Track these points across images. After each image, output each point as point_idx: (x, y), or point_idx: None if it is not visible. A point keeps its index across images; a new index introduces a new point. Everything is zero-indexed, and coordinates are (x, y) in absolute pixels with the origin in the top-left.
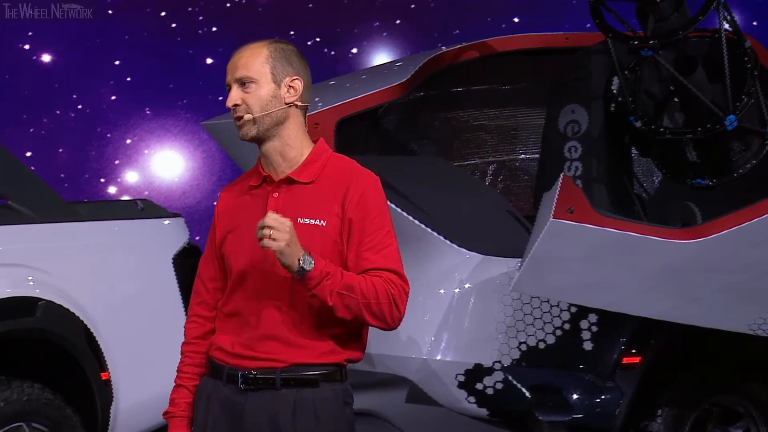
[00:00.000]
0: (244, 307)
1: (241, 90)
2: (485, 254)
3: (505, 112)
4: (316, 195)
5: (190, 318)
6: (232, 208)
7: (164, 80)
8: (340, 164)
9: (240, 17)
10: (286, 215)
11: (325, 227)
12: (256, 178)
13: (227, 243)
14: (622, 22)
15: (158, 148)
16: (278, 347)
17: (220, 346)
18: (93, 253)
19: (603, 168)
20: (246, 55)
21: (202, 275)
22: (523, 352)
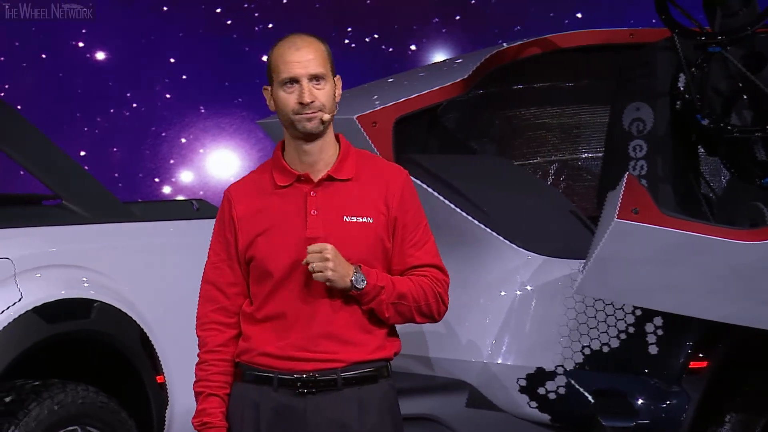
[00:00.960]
0: (290, 309)
1: (312, 86)
2: (547, 256)
3: (568, 110)
4: (357, 192)
5: (208, 326)
6: (258, 210)
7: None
8: (369, 160)
9: (297, 14)
10: (329, 214)
11: (372, 224)
12: (284, 177)
13: (259, 246)
14: (688, 18)
15: (213, 147)
16: (336, 346)
17: (264, 352)
18: (148, 253)
19: (669, 167)
20: (312, 49)
21: (218, 282)
22: (586, 356)
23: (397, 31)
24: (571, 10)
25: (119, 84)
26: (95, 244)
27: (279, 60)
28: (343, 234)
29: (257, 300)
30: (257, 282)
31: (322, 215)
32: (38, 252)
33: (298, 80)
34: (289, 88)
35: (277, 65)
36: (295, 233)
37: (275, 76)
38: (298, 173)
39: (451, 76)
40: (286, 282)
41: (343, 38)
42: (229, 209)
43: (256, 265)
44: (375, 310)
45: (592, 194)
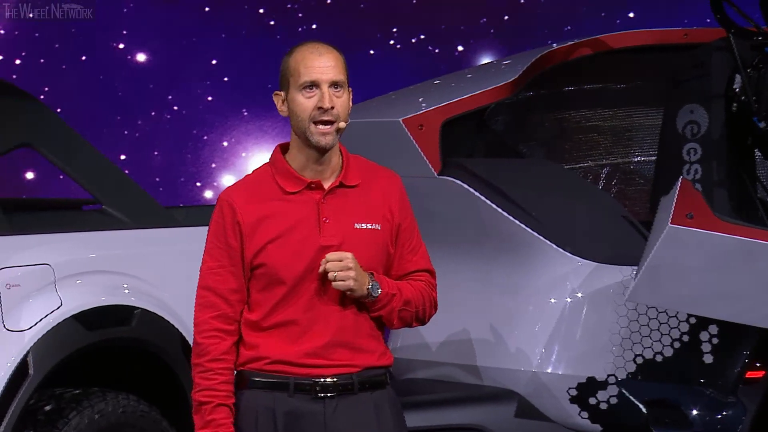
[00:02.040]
0: (301, 317)
1: (332, 92)
2: (599, 262)
3: (620, 113)
4: (364, 199)
5: (209, 333)
6: (265, 216)
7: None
8: (364, 165)
9: (341, 14)
10: (341, 221)
11: (380, 231)
12: (292, 183)
13: (270, 253)
14: (745, 17)
15: (256, 151)
16: (349, 353)
17: (278, 359)
18: (190, 259)
19: (724, 171)
20: (333, 57)
21: (218, 288)
22: (639, 365)
23: (443, 31)
24: (623, 9)
25: (160, 86)
26: (136, 250)
27: (299, 64)
28: (356, 241)
29: (263, 308)
30: (264, 289)
31: (334, 223)
32: (78, 258)
33: (318, 85)
34: (308, 92)
35: (296, 69)
36: (308, 241)
37: (293, 80)
38: (308, 180)
39: (500, 78)
40: (298, 290)
41: (389, 39)
42: (233, 215)
43: (265, 273)
44: (384, 317)
45: (645, 199)
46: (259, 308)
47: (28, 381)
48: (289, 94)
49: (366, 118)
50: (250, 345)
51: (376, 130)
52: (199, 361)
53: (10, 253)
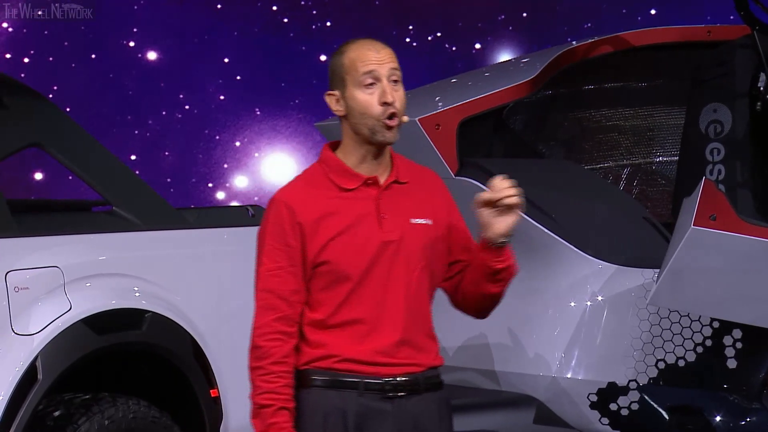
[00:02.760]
0: (367, 314)
1: (391, 86)
2: (620, 265)
3: (641, 112)
4: (414, 195)
5: (271, 335)
6: (325, 214)
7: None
8: (407, 161)
9: (356, 11)
10: (398, 216)
11: (432, 226)
12: (349, 180)
13: (333, 250)
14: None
15: (269, 151)
16: (413, 352)
17: (347, 357)
18: (201, 262)
19: (748, 172)
20: (389, 52)
21: (279, 290)
22: (660, 370)
23: (461, 29)
24: (644, 6)
25: (171, 85)
26: (147, 252)
27: (357, 60)
28: (414, 236)
29: (328, 306)
30: (328, 287)
31: (392, 218)
32: (88, 260)
33: (380, 79)
34: (369, 89)
35: (354, 65)
36: (370, 236)
37: (350, 77)
38: (365, 177)
39: (518, 77)
40: (362, 286)
41: (405, 36)
42: (291, 215)
43: (329, 270)
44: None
45: (667, 200)
46: (323, 307)
47: (36, 386)
48: (347, 92)
49: None
50: (315, 343)
51: None
52: (261, 364)
53: (18, 256)
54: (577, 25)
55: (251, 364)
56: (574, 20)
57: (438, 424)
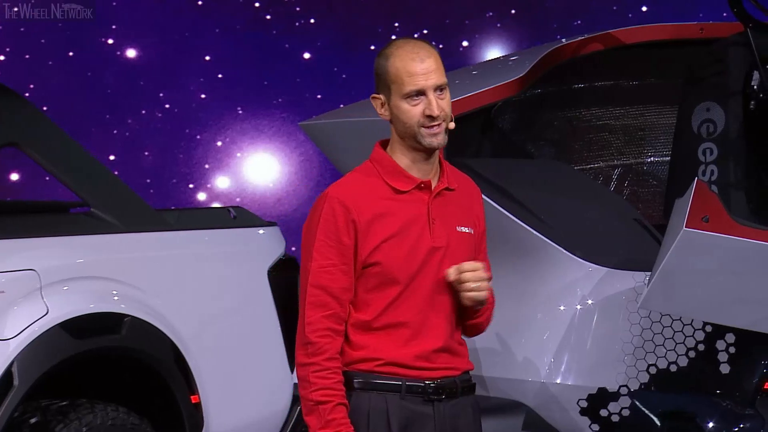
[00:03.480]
0: (411, 319)
1: (436, 96)
2: (610, 267)
3: (632, 111)
4: (459, 202)
5: (323, 332)
6: (380, 214)
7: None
8: (453, 169)
9: (340, 8)
10: (446, 223)
11: (473, 235)
12: (403, 182)
13: (386, 252)
14: (763, 11)
15: (251, 151)
16: (450, 357)
17: (391, 360)
18: (182, 265)
19: (742, 172)
20: (434, 59)
21: (330, 287)
22: (652, 376)
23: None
24: (636, 3)
25: (151, 83)
26: (126, 255)
27: (402, 72)
28: (458, 244)
29: (374, 308)
30: (377, 289)
31: (440, 224)
32: (65, 263)
33: (425, 92)
34: (414, 100)
35: (399, 77)
36: (421, 241)
37: (395, 87)
38: (419, 180)
39: (507, 75)
40: (410, 290)
41: (391, 33)
42: (346, 212)
43: (380, 272)
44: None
45: (659, 201)
46: (369, 308)
47: (12, 392)
48: (392, 101)
49: (366, 116)
50: (358, 345)
51: (377, 129)
52: (315, 360)
53: None
54: (567, 22)
55: (302, 361)
56: (564, 17)
57: (473, 427)
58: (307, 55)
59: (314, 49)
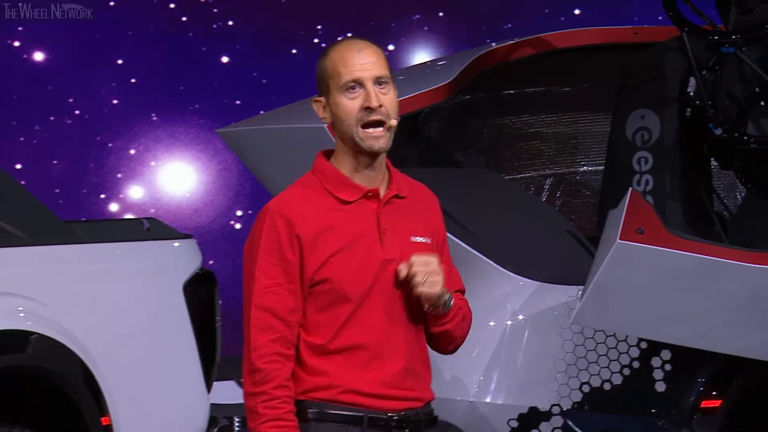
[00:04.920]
0: (370, 339)
1: (377, 90)
2: (542, 281)
3: (565, 118)
4: (411, 211)
5: (271, 358)
6: (325, 228)
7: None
8: (403, 175)
9: (260, 9)
10: (398, 233)
11: (431, 245)
12: (349, 192)
13: (334, 267)
14: (699, 15)
15: (166, 160)
16: (414, 382)
17: (351, 388)
18: (92, 279)
19: (677, 182)
20: (374, 51)
21: (276, 308)
22: (585, 394)
23: (373, 28)
24: (568, 6)
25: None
26: (33, 269)
27: (338, 63)
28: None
29: (327, 329)
30: (326, 309)
31: (392, 235)
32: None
33: (362, 83)
34: (352, 93)
35: (335, 69)
36: (372, 254)
37: (333, 82)
38: (366, 189)
39: (434, 80)
40: (363, 308)
41: (313, 37)
42: (289, 227)
43: (329, 289)
44: (449, 332)
45: (592, 212)
46: (322, 330)
47: None
48: (331, 97)
49: (288, 123)
50: (315, 371)
51: (299, 137)
52: (264, 389)
53: None
54: (497, 26)
55: (250, 390)
56: (493, 20)
57: None
58: (225, 58)
59: (233, 52)
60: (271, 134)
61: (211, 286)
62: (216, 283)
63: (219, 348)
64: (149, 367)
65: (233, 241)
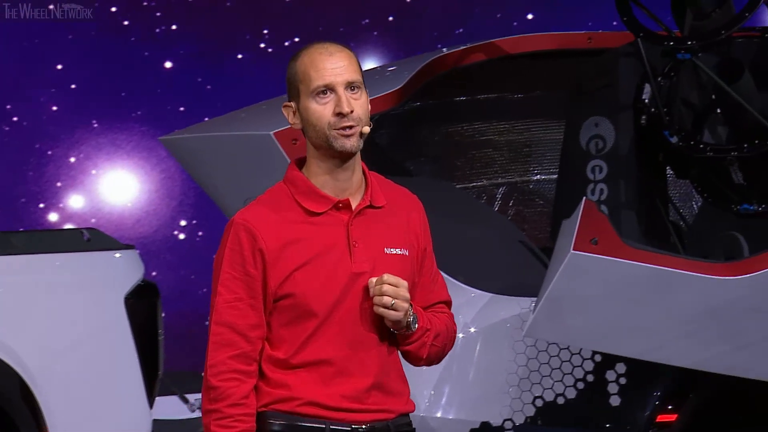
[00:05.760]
0: (335, 355)
1: (349, 95)
2: (494, 293)
3: (518, 126)
4: (390, 221)
5: (227, 375)
6: (290, 241)
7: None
8: (384, 182)
9: (204, 14)
10: (371, 245)
11: (408, 257)
12: (317, 203)
13: (298, 282)
14: (655, 20)
15: (108, 168)
16: (385, 397)
17: (312, 401)
18: (30, 292)
19: (632, 191)
20: (345, 55)
21: (237, 324)
22: (538, 409)
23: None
24: (521, 11)
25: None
26: None
27: (309, 67)
28: (386, 268)
29: (291, 344)
30: (292, 323)
31: (364, 247)
32: None
33: (333, 88)
34: (323, 98)
35: (306, 73)
36: (339, 267)
37: (303, 87)
38: (335, 200)
39: (383, 86)
40: (329, 323)
41: (259, 41)
42: (252, 241)
43: (293, 304)
44: (412, 352)
45: (545, 222)
46: (286, 345)
47: None
48: (301, 102)
49: (233, 130)
50: (277, 383)
51: (245, 145)
52: (217, 407)
53: None
54: (449, 31)
55: (206, 407)
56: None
57: None
58: (169, 64)
59: (176, 57)
60: (215, 142)
61: (154, 298)
62: (159, 296)
63: (161, 362)
64: (89, 383)
65: (176, 252)
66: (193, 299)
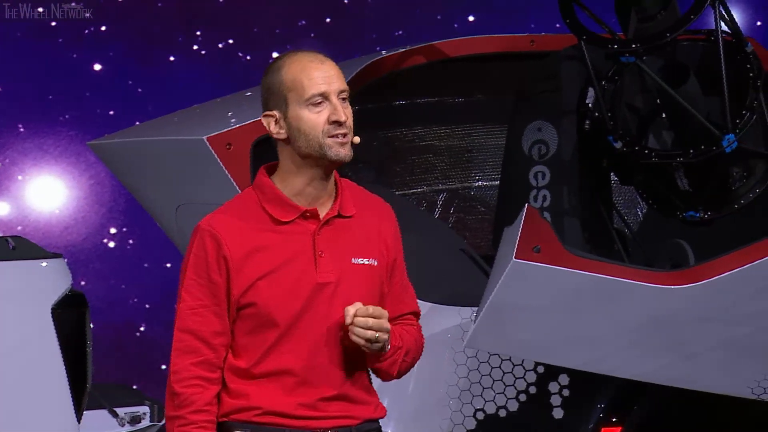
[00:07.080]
0: (296, 366)
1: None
2: (433, 302)
3: (458, 130)
4: (359, 230)
5: (190, 382)
6: (255, 249)
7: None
8: (356, 190)
9: (135, 15)
10: (337, 255)
11: (377, 267)
12: (285, 211)
13: (261, 291)
14: (598, 22)
15: (34, 174)
16: (348, 406)
17: (271, 410)
18: None
19: (576, 198)
20: (333, 64)
21: (200, 331)
22: (479, 422)
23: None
24: (461, 12)
25: None
26: None
27: (301, 75)
28: (353, 278)
29: (252, 353)
30: (254, 332)
31: (330, 257)
32: None
33: (328, 97)
34: (318, 107)
35: (298, 81)
36: (304, 277)
37: (293, 95)
38: (303, 208)
39: None
40: (292, 333)
41: (192, 43)
42: (217, 247)
43: (255, 313)
44: (383, 370)
45: (487, 229)
46: (247, 354)
47: None
48: (290, 112)
49: (165, 135)
50: (237, 393)
51: (177, 150)
52: (180, 413)
53: None
54: (387, 33)
55: (169, 414)
56: (383, 27)
57: None
58: (98, 66)
59: (106, 59)
60: (146, 147)
61: (82, 308)
62: (87, 306)
63: (90, 375)
64: (14, 395)
65: (106, 260)
66: (123, 310)
